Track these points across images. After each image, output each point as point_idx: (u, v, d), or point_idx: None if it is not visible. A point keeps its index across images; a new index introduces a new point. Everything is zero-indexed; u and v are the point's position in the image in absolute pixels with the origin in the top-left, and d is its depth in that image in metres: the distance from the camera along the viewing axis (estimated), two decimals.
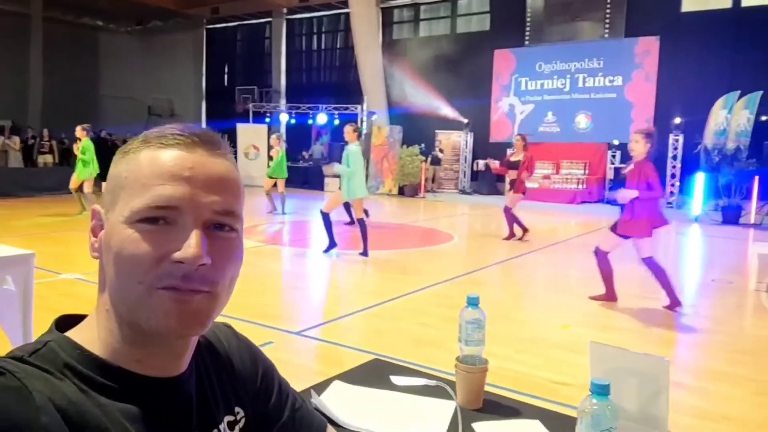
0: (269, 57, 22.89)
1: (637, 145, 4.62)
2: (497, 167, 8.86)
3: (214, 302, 0.63)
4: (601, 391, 0.87)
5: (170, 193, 0.61)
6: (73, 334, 0.65)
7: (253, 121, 19.92)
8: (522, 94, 17.26)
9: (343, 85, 20.49)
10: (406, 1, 19.58)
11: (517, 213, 8.45)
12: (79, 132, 9.70)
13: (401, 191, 16.42)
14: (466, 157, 17.37)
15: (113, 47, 23.72)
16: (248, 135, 18.60)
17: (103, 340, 0.64)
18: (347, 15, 19.33)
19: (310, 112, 19.21)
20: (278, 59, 22.52)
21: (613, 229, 4.86)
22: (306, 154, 19.59)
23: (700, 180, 12.02)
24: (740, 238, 9.71)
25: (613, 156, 14.95)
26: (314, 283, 5.99)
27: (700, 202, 11.96)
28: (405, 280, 5.82)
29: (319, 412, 1.16)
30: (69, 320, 0.69)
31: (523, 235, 8.46)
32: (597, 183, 15.17)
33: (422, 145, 16.68)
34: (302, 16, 22.17)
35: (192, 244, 0.60)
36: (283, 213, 10.92)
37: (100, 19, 23.41)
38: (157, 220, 0.61)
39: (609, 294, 5.04)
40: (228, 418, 0.74)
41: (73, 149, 10.01)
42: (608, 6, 15.83)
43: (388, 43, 19.79)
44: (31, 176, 14.15)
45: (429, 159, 16.88)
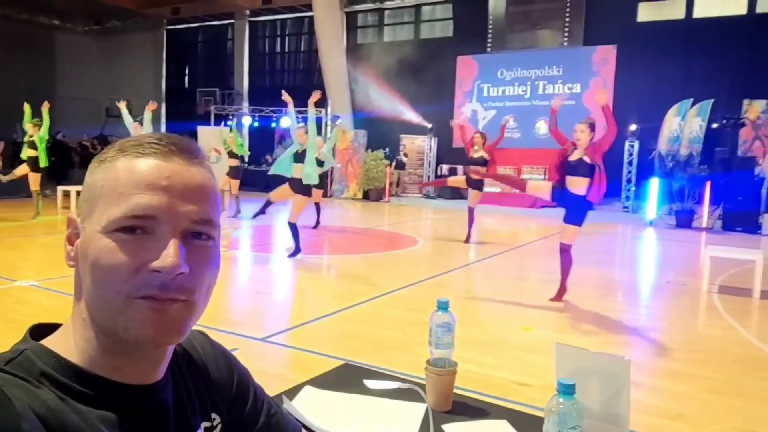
0: (231, 59, 22.63)
1: (583, 134, 4.88)
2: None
3: (192, 311, 0.64)
4: (567, 390, 0.91)
5: (148, 202, 0.61)
6: (49, 343, 0.65)
7: (215, 124, 19.64)
8: (484, 100, 17.53)
9: (307, 89, 20.24)
10: (370, 6, 19.66)
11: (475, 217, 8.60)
12: (32, 129, 9.53)
13: (366, 195, 16.46)
14: (430, 161, 17.52)
15: (70, 47, 23.09)
16: (209, 138, 18.34)
17: (79, 348, 0.64)
18: (311, 18, 19.29)
19: (274, 115, 19.07)
20: (241, 61, 22.28)
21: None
22: (269, 157, 19.43)
23: (654, 185, 12.42)
24: (693, 241, 10.07)
25: None
26: (278, 289, 5.95)
27: (654, 207, 12.36)
28: (370, 284, 5.84)
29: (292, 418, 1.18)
30: (43, 329, 0.68)
31: (467, 239, 8.58)
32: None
33: (387, 149, 16.77)
34: (265, 19, 22.00)
35: (170, 253, 0.60)
36: (236, 216, 10.78)
37: (56, 18, 22.74)
38: (135, 229, 0.61)
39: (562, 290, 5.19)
40: (205, 425, 0.75)
41: (26, 146, 9.70)
42: (567, 15, 16.24)
43: (352, 47, 19.82)
44: None
45: (393, 163, 16.97)
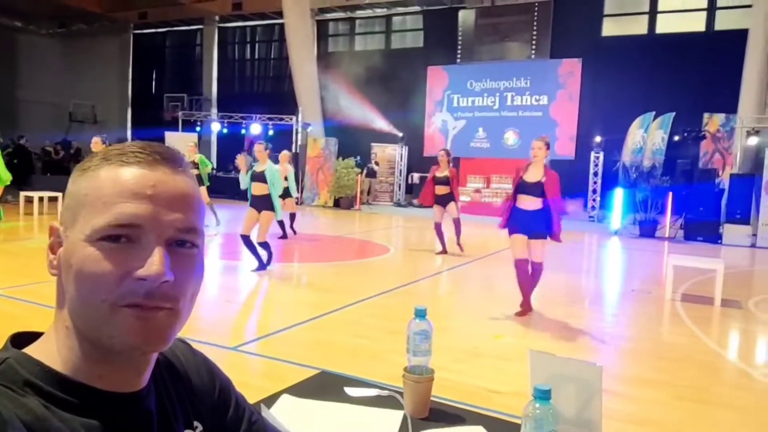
0: (200, 65, 22.40)
1: (541, 151, 4.96)
2: (422, 198, 8.78)
3: (177, 318, 0.64)
4: (543, 396, 0.93)
5: (133, 211, 0.61)
6: (32, 351, 0.64)
7: (183, 130, 19.39)
8: (454, 111, 17.73)
9: (277, 96, 20.34)
10: (341, 14, 19.73)
11: (444, 229, 8.57)
12: None
13: (336, 203, 16.43)
14: (401, 170, 17.61)
15: (33, 50, 22.53)
16: (177, 144, 18.10)
17: (63, 356, 0.64)
18: (282, 25, 19.26)
19: (243, 122, 18.91)
20: (209, 67, 22.08)
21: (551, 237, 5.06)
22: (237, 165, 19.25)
23: (618, 195, 12.72)
24: (656, 250, 10.33)
25: None
26: (248, 297, 5.90)
27: (619, 217, 12.65)
28: (342, 292, 5.83)
29: None
30: (24, 337, 0.68)
31: (443, 251, 8.52)
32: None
33: (358, 157, 16.80)
34: (235, 25, 21.87)
35: (155, 262, 0.61)
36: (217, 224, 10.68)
37: (18, 20, 22.19)
38: (119, 237, 0.61)
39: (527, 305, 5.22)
40: None
41: None
42: (535, 28, 16.58)
43: (323, 55, 19.85)
44: None
45: (364, 171, 17.00)
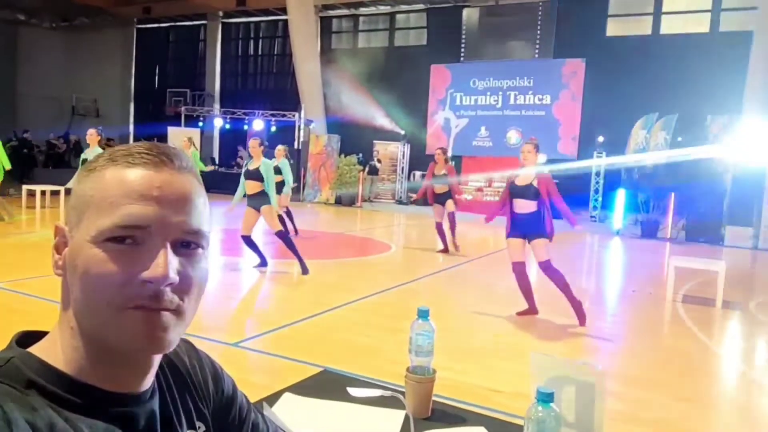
0: (203, 60, 22.39)
1: (530, 155, 4.95)
2: (419, 194, 8.87)
3: (181, 320, 0.64)
4: (546, 399, 0.93)
5: (139, 212, 0.61)
6: (36, 351, 0.64)
7: (186, 125, 19.39)
8: (457, 109, 17.70)
9: (280, 92, 20.34)
10: (345, 11, 19.70)
11: (444, 228, 8.59)
12: None
13: (338, 200, 16.44)
14: (403, 167, 17.60)
15: (35, 43, 22.51)
16: (180, 139, 18.12)
17: (67, 356, 0.64)
18: (285, 22, 19.23)
19: (246, 117, 18.92)
20: (213, 63, 22.06)
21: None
22: (240, 160, 19.27)
23: (621, 196, 12.72)
24: (658, 251, 10.33)
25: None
26: (250, 294, 5.90)
27: (621, 217, 12.65)
28: (343, 290, 5.84)
29: None
30: (29, 336, 0.68)
31: (444, 249, 8.57)
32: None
33: (360, 154, 16.79)
34: (239, 21, 21.85)
35: (160, 263, 0.61)
36: None
37: (21, 14, 22.16)
38: (125, 239, 0.61)
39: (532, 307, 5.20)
40: None
41: None
42: (539, 27, 16.55)
43: (326, 51, 19.82)
44: None
45: (367, 169, 17.00)
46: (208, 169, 11.07)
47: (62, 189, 10.55)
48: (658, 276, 7.70)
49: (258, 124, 18.48)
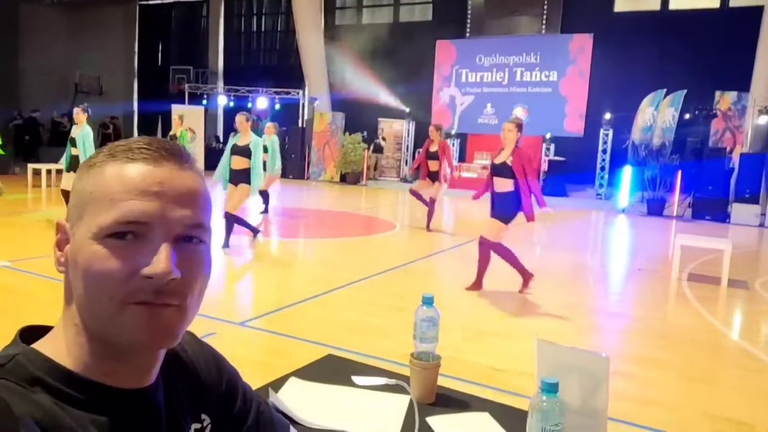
0: (206, 37, 22.19)
1: (510, 133, 4.94)
2: (414, 165, 8.95)
3: (184, 315, 0.64)
4: (551, 389, 0.93)
5: (140, 208, 0.61)
6: (41, 347, 0.64)
7: (189, 103, 19.31)
8: (462, 86, 17.53)
9: (284, 69, 20.17)
10: None
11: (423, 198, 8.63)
12: None
13: (343, 178, 16.41)
14: (407, 145, 17.52)
15: (36, 20, 22.30)
16: (185, 117, 18.06)
17: (72, 353, 0.64)
18: None
19: (249, 95, 18.80)
20: (216, 40, 21.87)
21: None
22: None
23: (627, 173, 12.64)
24: (664, 229, 10.30)
25: (548, 149, 15.45)
26: (254, 272, 5.93)
27: (627, 195, 12.59)
28: (348, 269, 5.85)
29: (277, 410, 1.18)
30: (32, 331, 0.68)
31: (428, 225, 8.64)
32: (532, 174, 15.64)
33: (365, 132, 16.70)
34: None
35: (161, 259, 0.60)
36: None
37: None
38: (125, 235, 0.61)
39: (478, 283, 5.21)
40: (195, 426, 0.75)
41: None
42: (546, 2, 16.29)
43: (330, 28, 19.59)
44: None
45: (371, 147, 16.93)
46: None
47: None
48: (664, 254, 7.69)
49: (262, 102, 18.37)
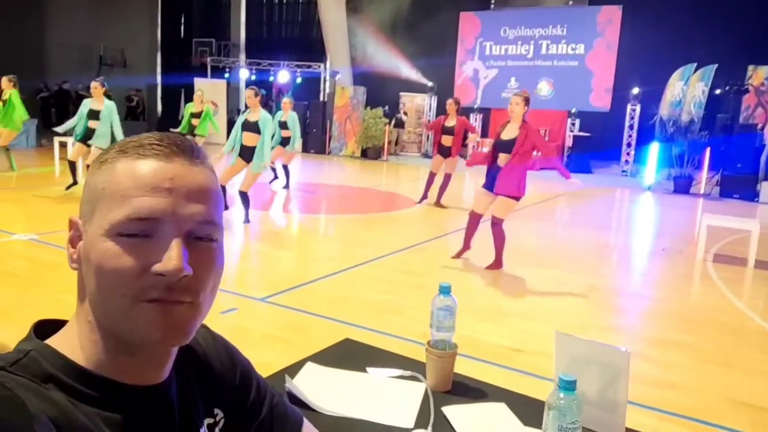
0: (228, 9, 22.12)
1: (518, 107, 4.82)
2: (426, 124, 8.87)
3: (197, 312, 0.64)
4: (568, 386, 0.92)
5: (151, 204, 0.60)
6: (54, 343, 0.65)
7: (212, 77, 19.33)
8: (486, 59, 17.23)
9: (305, 42, 20.04)
10: None
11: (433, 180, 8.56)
12: (6, 84, 9.34)
13: (364, 153, 16.35)
14: (429, 120, 17.35)
15: None
16: (207, 91, 18.09)
17: (85, 349, 0.64)
18: None
19: (271, 69, 18.74)
20: (237, 12, 21.79)
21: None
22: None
23: (654, 150, 12.36)
24: (690, 207, 10.10)
25: (573, 124, 15.18)
26: (276, 248, 5.97)
27: (653, 172, 12.33)
28: (368, 246, 5.86)
29: (293, 396, 1.19)
30: (47, 325, 0.68)
31: (423, 197, 8.61)
32: (556, 150, 15.42)
33: (386, 107, 16.56)
34: None
35: (173, 256, 0.60)
36: None
37: None
38: (137, 231, 0.60)
39: (498, 262, 5.16)
40: (208, 421, 0.75)
41: None
42: None
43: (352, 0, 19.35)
44: None
45: (393, 122, 16.80)
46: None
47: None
48: (690, 234, 7.55)
49: (283, 76, 18.31)
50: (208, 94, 17.77)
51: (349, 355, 1.44)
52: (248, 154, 6.23)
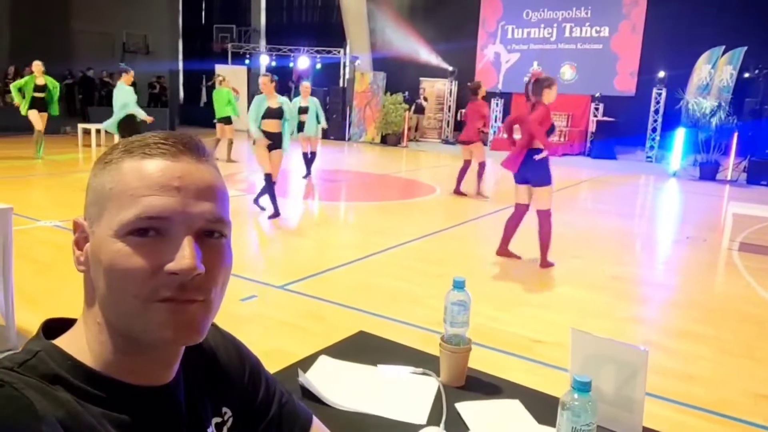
0: None
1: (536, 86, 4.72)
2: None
3: (209, 310, 0.64)
4: (583, 387, 0.90)
5: (161, 203, 0.60)
6: (62, 343, 0.65)
7: (232, 63, 19.37)
8: (508, 43, 16.99)
9: (325, 27, 19.94)
10: None
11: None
12: (38, 69, 9.51)
13: (383, 140, 16.30)
14: (450, 106, 17.20)
15: None
16: (228, 77, 18.15)
17: (93, 350, 0.64)
18: None
19: (291, 54, 18.72)
20: None
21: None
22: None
23: (680, 135, 12.10)
24: (716, 194, 9.89)
25: (596, 109, 14.93)
26: (295, 236, 5.99)
27: (678, 158, 12.09)
28: (386, 234, 5.85)
29: (306, 390, 1.19)
30: (55, 324, 0.68)
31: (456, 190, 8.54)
32: (579, 136, 15.19)
33: (406, 93, 16.44)
34: None
35: (186, 255, 0.60)
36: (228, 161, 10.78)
37: None
38: (148, 231, 0.60)
39: (545, 260, 4.98)
40: (216, 420, 0.75)
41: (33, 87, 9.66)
42: None
43: None
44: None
45: (413, 107, 16.68)
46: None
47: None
48: (715, 222, 7.39)
49: (303, 62, 18.28)
50: (230, 80, 17.89)
51: (364, 348, 1.44)
52: (277, 140, 6.09)
